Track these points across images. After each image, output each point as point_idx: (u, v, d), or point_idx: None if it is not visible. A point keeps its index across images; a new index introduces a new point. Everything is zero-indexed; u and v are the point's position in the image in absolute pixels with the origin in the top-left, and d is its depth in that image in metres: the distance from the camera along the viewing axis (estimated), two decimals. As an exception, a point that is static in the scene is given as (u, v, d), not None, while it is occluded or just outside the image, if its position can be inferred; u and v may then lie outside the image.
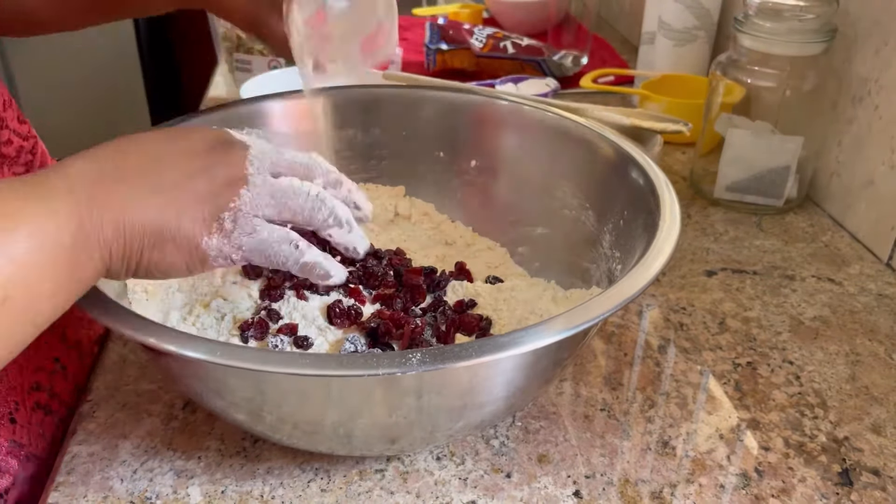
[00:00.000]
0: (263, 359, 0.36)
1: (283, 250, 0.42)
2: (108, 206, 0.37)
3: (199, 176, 0.40)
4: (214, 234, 0.39)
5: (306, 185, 0.43)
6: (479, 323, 0.51)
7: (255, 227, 0.41)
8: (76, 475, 0.47)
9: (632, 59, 1.25)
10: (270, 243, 0.41)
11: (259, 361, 0.36)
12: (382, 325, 0.49)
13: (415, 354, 0.36)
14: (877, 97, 0.71)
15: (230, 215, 0.40)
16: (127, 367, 0.57)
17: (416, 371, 0.35)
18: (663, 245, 0.44)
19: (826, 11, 0.71)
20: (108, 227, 0.37)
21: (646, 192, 0.50)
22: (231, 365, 0.36)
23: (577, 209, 0.59)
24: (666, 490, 0.47)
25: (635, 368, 0.57)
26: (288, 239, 0.42)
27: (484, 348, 0.36)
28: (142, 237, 0.38)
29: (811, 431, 0.52)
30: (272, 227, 0.41)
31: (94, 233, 0.36)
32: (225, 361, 0.36)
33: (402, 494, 0.46)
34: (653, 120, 0.72)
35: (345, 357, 0.37)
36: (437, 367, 0.35)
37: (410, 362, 0.35)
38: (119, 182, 0.38)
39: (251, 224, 0.40)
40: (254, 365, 0.36)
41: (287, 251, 0.42)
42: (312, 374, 0.36)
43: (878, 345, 0.60)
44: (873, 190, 0.72)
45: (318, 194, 0.43)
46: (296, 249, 0.42)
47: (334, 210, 0.44)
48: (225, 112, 0.62)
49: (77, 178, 0.37)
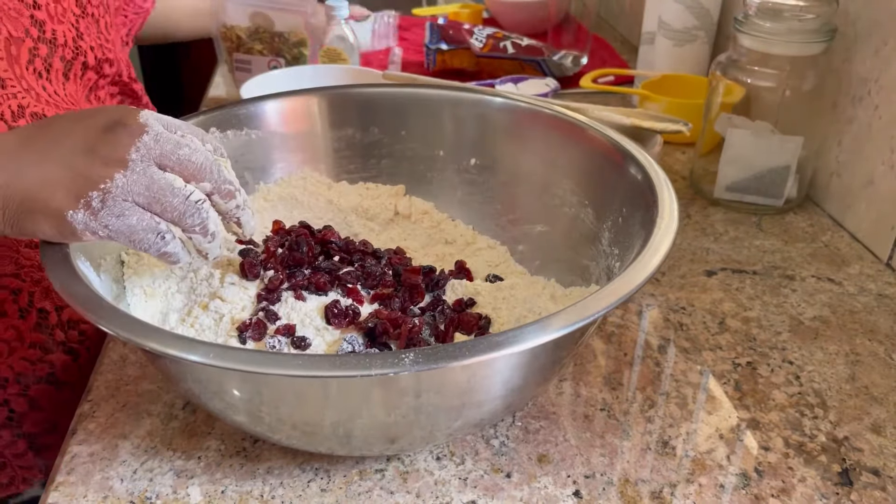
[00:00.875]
0: (254, 360, 0.36)
1: (148, 238, 0.44)
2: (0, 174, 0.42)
3: (82, 153, 0.42)
4: (80, 210, 0.41)
5: (189, 188, 0.44)
6: (477, 322, 0.51)
7: (124, 212, 0.42)
8: (76, 475, 0.47)
9: (632, 59, 1.25)
10: (137, 230, 0.43)
11: (250, 363, 0.36)
12: (380, 324, 0.49)
13: (408, 354, 0.36)
14: (877, 97, 0.71)
15: (99, 195, 0.41)
16: (127, 367, 0.57)
17: (410, 371, 0.35)
18: (660, 244, 0.44)
19: (826, 11, 0.71)
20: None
21: (644, 189, 0.50)
22: (220, 366, 0.36)
23: (576, 207, 0.59)
24: (666, 490, 0.47)
25: (635, 368, 0.57)
26: (155, 230, 0.44)
27: (477, 348, 0.36)
28: (18, 204, 0.42)
29: (811, 431, 0.52)
30: (142, 215, 0.43)
31: None
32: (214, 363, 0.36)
33: (402, 494, 0.46)
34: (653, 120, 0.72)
35: (338, 358, 0.37)
36: (430, 367, 0.35)
37: (403, 362, 0.35)
38: (14, 153, 0.42)
39: (120, 207, 0.42)
40: (244, 366, 0.36)
41: (150, 240, 0.44)
42: (305, 374, 0.36)
43: (878, 345, 0.60)
44: (873, 190, 0.72)
45: (197, 201, 0.45)
46: (161, 240, 0.44)
47: (205, 221, 0.45)
48: (225, 112, 0.62)
49: None
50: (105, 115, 0.44)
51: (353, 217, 0.66)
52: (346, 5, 1.02)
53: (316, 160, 0.67)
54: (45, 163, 0.42)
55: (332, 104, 0.67)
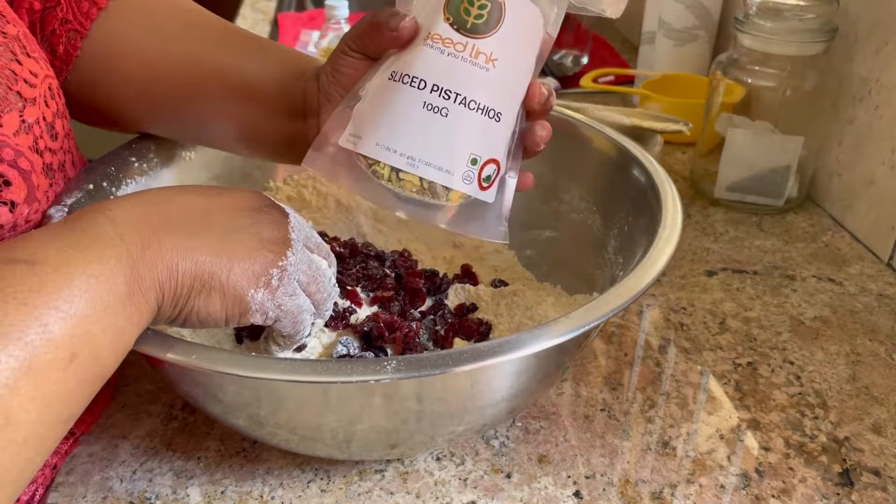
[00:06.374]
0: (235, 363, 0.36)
1: (306, 320, 0.42)
2: (161, 251, 0.36)
3: (246, 231, 0.40)
4: (261, 289, 0.39)
5: (330, 272, 0.44)
6: (478, 328, 0.51)
7: (295, 291, 0.41)
8: (76, 475, 0.47)
9: (632, 58, 1.24)
10: (303, 310, 0.42)
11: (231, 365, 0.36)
12: (375, 328, 0.48)
13: (390, 362, 0.35)
14: (877, 97, 0.71)
15: (278, 273, 0.40)
16: (127, 367, 0.56)
17: (391, 379, 0.35)
18: (659, 255, 0.43)
19: (826, 11, 0.71)
20: (163, 271, 0.36)
21: (649, 197, 0.50)
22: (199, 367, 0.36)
23: (584, 213, 0.59)
24: (666, 490, 0.47)
25: (635, 368, 0.57)
26: (311, 311, 0.43)
27: (462, 358, 0.36)
28: (192, 282, 0.37)
29: (811, 432, 0.52)
30: (304, 295, 0.42)
31: (147, 276, 0.36)
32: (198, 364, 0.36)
33: (401, 495, 0.46)
34: (653, 120, 0.72)
35: (319, 363, 0.36)
36: (411, 376, 0.35)
37: (385, 370, 0.35)
38: (169, 228, 0.38)
39: (293, 286, 0.41)
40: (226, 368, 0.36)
41: (307, 321, 0.43)
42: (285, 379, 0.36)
43: (878, 345, 0.60)
44: (874, 190, 0.72)
45: (335, 284, 0.44)
46: (311, 325, 0.43)
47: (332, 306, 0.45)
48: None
49: (124, 223, 0.36)
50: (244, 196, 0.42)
51: (362, 218, 0.66)
52: (346, 5, 1.02)
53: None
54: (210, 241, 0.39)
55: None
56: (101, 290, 0.33)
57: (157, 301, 0.37)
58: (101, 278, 0.34)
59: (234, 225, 0.40)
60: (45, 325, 0.31)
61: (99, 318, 0.33)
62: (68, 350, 0.32)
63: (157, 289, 0.36)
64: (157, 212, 0.38)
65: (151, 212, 0.38)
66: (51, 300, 0.32)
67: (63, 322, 0.32)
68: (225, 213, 0.40)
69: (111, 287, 0.34)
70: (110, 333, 0.34)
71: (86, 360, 0.33)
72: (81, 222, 0.36)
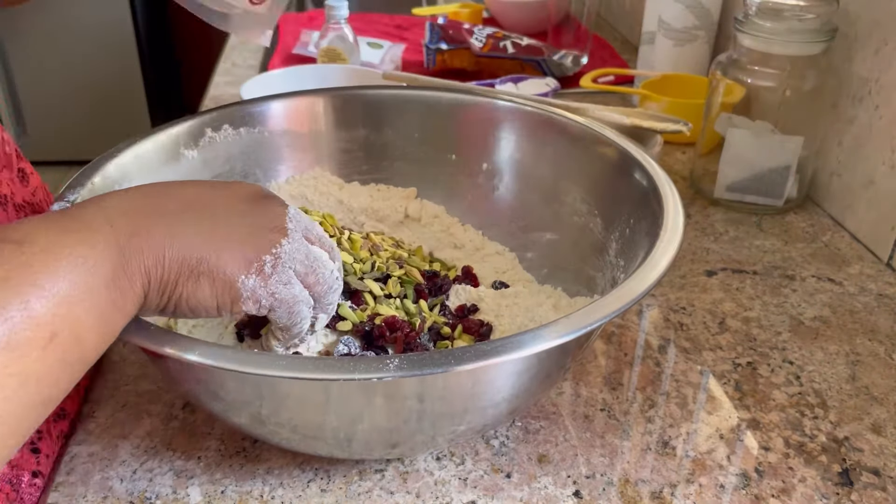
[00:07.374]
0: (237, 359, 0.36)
1: (303, 311, 0.42)
2: (149, 237, 0.36)
3: (241, 219, 0.40)
4: (252, 275, 0.39)
5: (332, 264, 0.43)
6: (479, 329, 0.51)
7: (290, 280, 0.40)
8: (76, 475, 0.47)
9: (632, 59, 1.25)
10: (299, 300, 0.41)
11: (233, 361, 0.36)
12: (376, 328, 0.48)
13: (393, 360, 0.35)
14: (877, 97, 0.71)
15: (271, 260, 0.39)
16: (127, 367, 0.57)
17: (393, 377, 0.35)
18: (660, 258, 0.43)
19: (826, 11, 0.71)
20: (149, 256, 0.36)
21: (651, 200, 0.50)
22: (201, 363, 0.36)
23: (585, 216, 0.59)
24: (666, 490, 0.47)
25: (635, 368, 0.57)
26: (308, 302, 0.42)
27: (465, 356, 0.36)
28: (180, 267, 0.37)
29: (811, 431, 0.52)
30: (300, 286, 0.41)
31: (133, 260, 0.36)
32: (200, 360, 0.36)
33: (401, 494, 0.46)
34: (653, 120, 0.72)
35: (322, 360, 0.36)
36: (413, 374, 0.35)
37: (388, 368, 0.35)
38: (160, 216, 0.38)
39: (288, 274, 0.40)
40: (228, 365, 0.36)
41: (304, 313, 0.42)
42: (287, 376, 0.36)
43: (878, 345, 0.60)
44: (873, 190, 0.72)
45: (337, 277, 0.44)
46: (315, 320, 0.43)
47: (337, 298, 0.44)
48: (225, 112, 0.62)
49: (114, 211, 0.37)
50: (241, 187, 0.42)
51: (364, 218, 0.66)
52: (346, 5, 1.02)
53: (321, 160, 0.67)
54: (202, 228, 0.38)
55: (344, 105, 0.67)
56: (85, 272, 0.33)
57: (143, 287, 0.36)
58: (88, 260, 0.34)
59: (229, 212, 0.40)
60: (27, 303, 0.31)
61: (82, 299, 0.33)
62: (49, 329, 0.32)
63: (143, 274, 0.36)
64: (150, 202, 0.38)
65: (145, 202, 0.38)
66: (35, 278, 0.32)
67: (45, 300, 0.31)
68: (221, 203, 0.40)
69: (96, 270, 0.34)
70: (93, 316, 0.34)
71: (66, 340, 0.32)
72: (74, 210, 0.36)
